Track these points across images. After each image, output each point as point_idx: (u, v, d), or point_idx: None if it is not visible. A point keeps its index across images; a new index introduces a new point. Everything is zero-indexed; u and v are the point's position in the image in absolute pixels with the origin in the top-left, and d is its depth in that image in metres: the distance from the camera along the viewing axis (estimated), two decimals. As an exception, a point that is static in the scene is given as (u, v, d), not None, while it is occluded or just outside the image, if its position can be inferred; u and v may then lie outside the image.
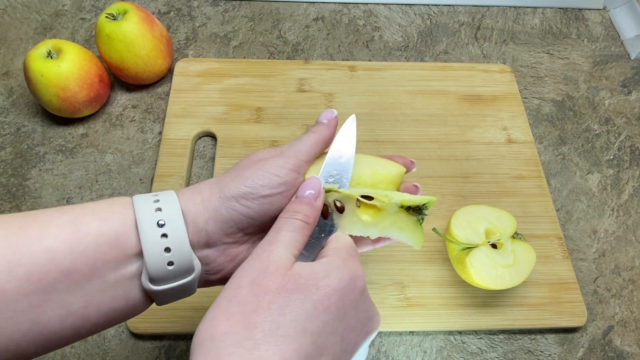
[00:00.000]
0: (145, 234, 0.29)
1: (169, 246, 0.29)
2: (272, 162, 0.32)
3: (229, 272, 0.32)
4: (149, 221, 0.29)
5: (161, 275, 0.29)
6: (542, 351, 0.49)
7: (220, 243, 0.32)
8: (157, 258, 0.29)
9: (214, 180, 0.32)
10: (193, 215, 0.31)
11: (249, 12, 0.71)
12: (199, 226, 0.31)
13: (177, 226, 0.29)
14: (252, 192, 0.31)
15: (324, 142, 0.35)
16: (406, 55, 0.69)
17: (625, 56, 0.71)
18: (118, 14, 0.57)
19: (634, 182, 0.60)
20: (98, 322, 0.29)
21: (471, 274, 0.45)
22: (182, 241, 0.29)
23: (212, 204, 0.31)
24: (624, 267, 0.54)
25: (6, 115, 0.60)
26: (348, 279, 0.29)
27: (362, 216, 0.34)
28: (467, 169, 0.58)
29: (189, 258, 0.30)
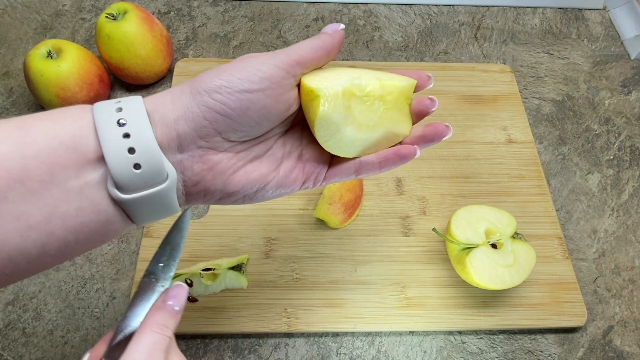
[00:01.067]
0: (104, 132, 0.26)
1: (132, 146, 0.26)
2: (258, 58, 0.29)
3: (210, 184, 0.30)
4: (107, 121, 0.26)
5: (128, 180, 0.26)
6: (542, 351, 0.49)
7: (195, 147, 0.28)
8: (120, 160, 0.26)
9: (191, 79, 0.29)
10: (160, 114, 0.28)
11: (249, 12, 0.71)
12: (167, 125, 0.27)
13: (140, 124, 0.26)
14: (227, 86, 0.28)
15: (324, 50, 0.31)
16: (406, 55, 0.69)
17: (625, 56, 0.71)
18: (118, 14, 0.57)
19: (634, 182, 0.60)
20: (67, 239, 0.26)
21: (471, 274, 0.45)
22: (148, 140, 0.26)
23: (183, 100, 0.28)
24: (624, 267, 0.54)
25: (6, 115, 0.60)
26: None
27: (206, 282, 0.48)
28: (467, 169, 0.58)
29: (158, 161, 0.27)
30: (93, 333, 0.47)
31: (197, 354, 0.47)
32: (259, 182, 0.31)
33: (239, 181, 0.30)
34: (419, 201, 0.55)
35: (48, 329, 0.47)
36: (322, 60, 0.31)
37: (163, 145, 0.27)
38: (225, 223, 0.52)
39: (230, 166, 0.30)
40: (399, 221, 0.54)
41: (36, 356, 0.46)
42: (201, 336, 0.48)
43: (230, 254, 0.51)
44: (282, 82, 0.29)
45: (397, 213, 0.54)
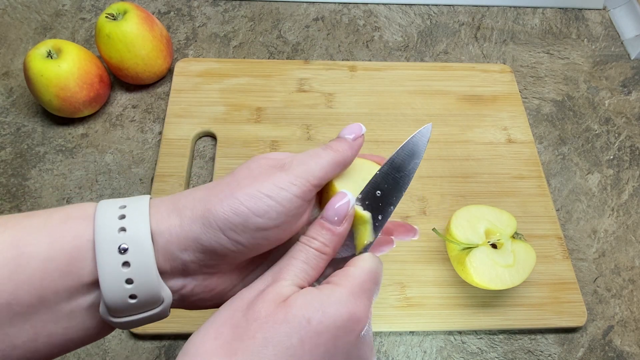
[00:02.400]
0: (103, 261, 0.24)
1: (131, 277, 0.24)
2: (274, 182, 0.26)
3: (208, 303, 0.29)
4: (108, 245, 0.24)
5: (122, 308, 0.25)
6: (542, 351, 0.49)
7: (199, 273, 0.27)
8: (117, 291, 0.24)
9: (200, 196, 0.27)
10: (167, 239, 0.26)
11: (249, 12, 0.71)
12: (173, 254, 0.26)
13: (143, 253, 0.25)
14: (243, 224, 0.26)
15: (343, 165, 0.29)
16: (406, 55, 0.69)
17: (625, 56, 0.71)
18: (118, 14, 0.57)
19: (634, 182, 0.60)
20: (52, 353, 0.26)
21: (471, 274, 0.45)
22: (148, 271, 0.25)
23: (193, 230, 0.26)
24: (624, 267, 0.54)
25: (6, 115, 0.60)
26: (346, 319, 0.25)
27: None
28: (467, 169, 0.58)
29: (156, 290, 0.25)
30: (93, 333, 0.47)
31: (197, 354, 0.47)
32: None
33: (235, 292, 0.29)
34: (419, 201, 0.55)
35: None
36: (338, 173, 0.29)
37: (164, 271, 0.26)
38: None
39: (231, 284, 0.29)
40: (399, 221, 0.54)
41: (36, 356, 0.46)
42: (201, 336, 0.47)
43: None
44: (298, 211, 0.27)
45: (397, 213, 0.54)
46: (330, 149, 0.28)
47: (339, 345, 0.25)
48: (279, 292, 0.25)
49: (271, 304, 0.24)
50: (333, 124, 0.60)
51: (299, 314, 0.24)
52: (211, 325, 0.24)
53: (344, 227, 0.27)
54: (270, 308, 0.24)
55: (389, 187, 0.29)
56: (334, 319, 0.24)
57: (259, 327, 0.24)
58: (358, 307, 0.25)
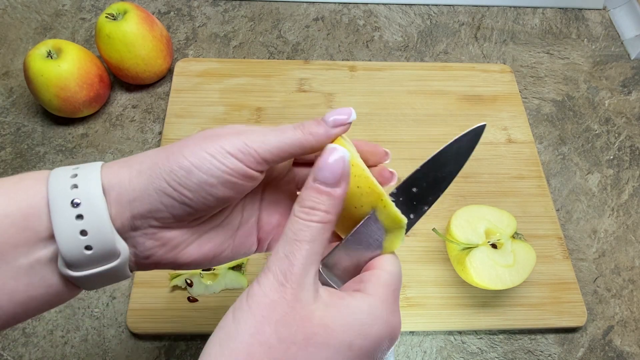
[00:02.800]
0: (57, 214, 0.25)
1: (85, 229, 0.25)
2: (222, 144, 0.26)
3: (161, 258, 0.29)
4: (61, 200, 0.25)
5: (78, 260, 0.25)
6: (542, 351, 0.49)
7: (148, 226, 0.27)
8: (72, 242, 0.25)
9: (150, 153, 0.27)
10: (117, 192, 0.26)
11: (249, 12, 0.71)
12: (122, 205, 0.26)
13: (95, 205, 0.25)
14: (186, 176, 0.26)
15: (309, 149, 0.27)
16: (406, 55, 0.69)
17: (625, 56, 0.71)
18: (118, 14, 0.57)
19: (634, 182, 0.60)
20: (15, 312, 0.26)
21: (471, 274, 0.45)
22: (101, 223, 0.25)
23: (141, 181, 0.26)
24: (624, 267, 0.54)
25: (6, 115, 0.60)
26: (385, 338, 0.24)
27: (206, 282, 0.48)
28: (467, 169, 0.58)
29: (111, 242, 0.26)
30: (93, 333, 0.47)
31: (197, 354, 0.47)
32: (213, 253, 0.30)
33: (191, 254, 0.29)
34: (419, 201, 0.55)
35: (48, 329, 0.47)
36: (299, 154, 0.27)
37: (116, 224, 0.26)
38: (225, 223, 0.52)
39: (183, 241, 0.29)
40: (399, 221, 0.54)
41: (36, 356, 0.46)
42: (201, 336, 0.48)
43: None
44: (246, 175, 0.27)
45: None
46: (300, 129, 0.27)
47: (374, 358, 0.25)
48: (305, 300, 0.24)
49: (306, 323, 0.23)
50: (333, 124, 0.60)
51: (340, 338, 0.23)
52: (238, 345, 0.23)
53: (342, 187, 0.25)
54: (307, 329, 0.23)
55: (427, 185, 0.28)
56: (374, 341, 0.24)
57: (298, 350, 0.23)
58: (395, 322, 0.25)
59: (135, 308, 0.47)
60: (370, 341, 0.24)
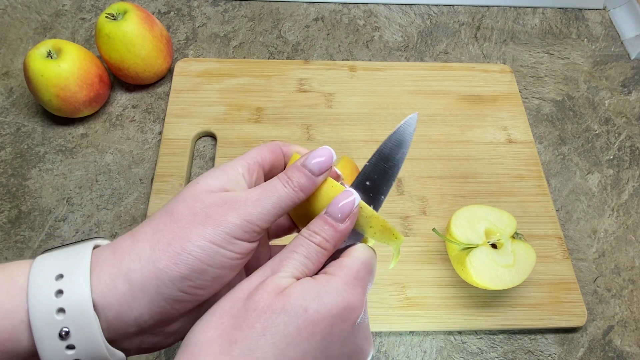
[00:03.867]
0: (45, 350, 0.23)
1: (78, 358, 0.23)
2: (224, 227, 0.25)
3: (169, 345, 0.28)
4: (47, 331, 0.22)
5: None
6: (542, 351, 0.49)
7: (157, 328, 0.26)
8: None
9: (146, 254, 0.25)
10: (117, 311, 0.24)
11: (249, 12, 0.71)
12: (126, 323, 0.25)
13: (87, 333, 0.23)
14: (200, 277, 0.25)
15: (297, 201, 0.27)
16: (406, 55, 0.69)
17: (625, 56, 0.71)
18: (118, 14, 0.57)
19: (634, 182, 0.60)
20: None
21: (471, 274, 0.45)
22: (96, 349, 0.24)
23: (148, 295, 0.25)
24: (624, 267, 0.54)
25: (6, 115, 0.60)
26: (341, 308, 0.25)
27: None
28: (467, 169, 0.58)
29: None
30: (93, 333, 0.47)
31: (197, 354, 0.47)
32: None
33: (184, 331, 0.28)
34: (419, 201, 0.55)
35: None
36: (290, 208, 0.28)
37: (118, 339, 0.25)
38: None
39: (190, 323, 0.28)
40: (399, 221, 0.54)
41: (36, 356, 0.46)
42: (201, 336, 0.47)
43: None
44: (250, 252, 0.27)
45: (397, 213, 0.54)
46: (290, 186, 0.27)
47: (335, 333, 0.25)
48: (277, 283, 0.25)
49: (270, 295, 0.25)
50: (333, 124, 0.60)
51: (296, 304, 0.24)
52: (212, 316, 0.25)
53: (346, 224, 0.27)
54: (269, 298, 0.24)
55: (378, 177, 0.30)
56: (329, 308, 0.25)
57: (257, 316, 0.24)
58: (353, 296, 0.26)
59: (135, 308, 0.47)
60: (326, 308, 0.25)
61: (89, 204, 0.54)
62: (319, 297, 0.25)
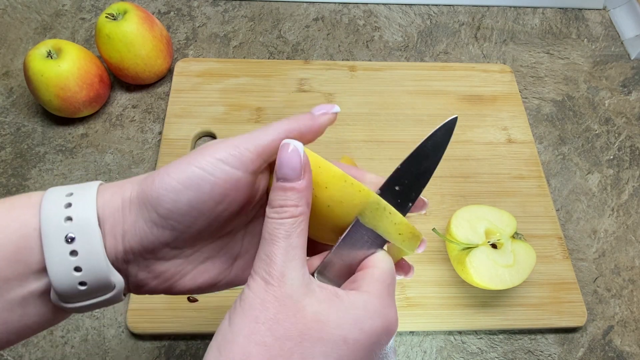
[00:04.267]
0: (50, 251, 0.24)
1: (79, 265, 0.24)
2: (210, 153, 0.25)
3: (154, 288, 0.28)
4: (54, 234, 0.24)
5: (72, 295, 0.25)
6: (542, 351, 0.49)
7: (141, 258, 0.26)
8: (66, 278, 0.24)
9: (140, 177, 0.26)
10: (111, 223, 0.25)
11: (249, 12, 0.71)
12: (116, 238, 0.25)
13: (90, 241, 0.24)
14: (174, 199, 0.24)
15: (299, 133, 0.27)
16: (406, 55, 0.69)
17: (625, 56, 0.71)
18: (118, 14, 0.57)
19: (634, 182, 0.60)
20: (9, 339, 0.26)
21: (471, 274, 0.45)
22: (97, 259, 0.24)
23: (131, 212, 0.25)
24: (624, 267, 0.54)
25: (6, 115, 0.60)
26: (381, 333, 0.24)
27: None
28: (467, 169, 0.58)
29: (105, 276, 0.25)
30: (93, 333, 0.47)
31: (197, 354, 0.47)
32: (208, 284, 0.29)
33: (185, 285, 0.28)
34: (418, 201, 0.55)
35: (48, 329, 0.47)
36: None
37: (110, 257, 0.25)
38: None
39: (178, 272, 0.28)
40: (399, 221, 0.54)
41: (36, 356, 0.46)
42: (201, 336, 0.48)
43: None
44: (237, 184, 0.25)
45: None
46: (285, 119, 0.27)
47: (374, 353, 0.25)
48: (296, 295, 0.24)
49: (299, 319, 0.23)
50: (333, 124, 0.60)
51: (335, 333, 0.23)
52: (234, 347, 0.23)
53: (305, 178, 0.25)
54: (300, 324, 0.23)
55: (409, 182, 0.28)
56: (370, 335, 0.24)
57: (293, 347, 0.23)
58: (391, 315, 0.25)
59: (135, 308, 0.47)
60: (366, 335, 0.24)
61: (89, 204, 0.54)
62: (358, 324, 0.24)
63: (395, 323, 0.25)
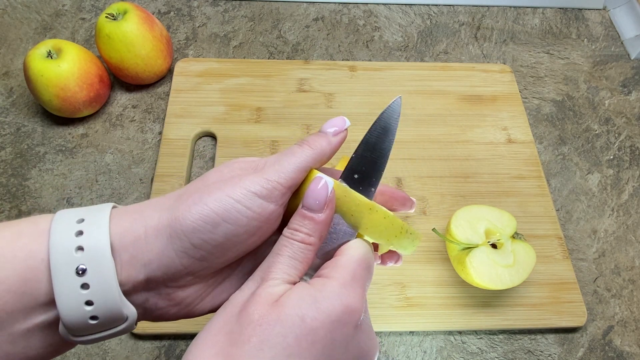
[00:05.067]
0: (60, 284, 0.23)
1: (91, 299, 0.23)
2: (245, 185, 0.25)
3: (176, 314, 0.27)
4: (65, 267, 0.23)
5: (83, 329, 0.24)
6: (542, 351, 0.49)
7: (164, 287, 0.26)
8: (76, 313, 0.23)
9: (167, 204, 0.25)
10: (130, 254, 0.24)
11: (249, 12, 0.71)
12: (136, 269, 0.25)
13: (103, 273, 0.23)
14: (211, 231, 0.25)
15: (319, 162, 0.28)
16: (406, 55, 0.69)
17: (625, 56, 0.71)
18: (118, 14, 0.57)
19: (634, 182, 0.60)
20: None
21: (471, 274, 0.45)
22: (109, 292, 0.23)
23: (159, 242, 0.24)
24: (624, 267, 0.54)
25: (6, 115, 0.60)
26: (340, 312, 0.24)
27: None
28: (467, 169, 0.58)
29: (118, 310, 0.24)
30: (93, 333, 0.47)
31: (197, 354, 0.47)
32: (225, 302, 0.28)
33: (205, 308, 0.28)
34: (419, 201, 0.55)
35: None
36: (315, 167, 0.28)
37: (126, 287, 0.25)
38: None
39: (198, 296, 0.28)
40: (399, 221, 0.54)
41: (36, 356, 0.46)
42: (201, 336, 0.47)
43: None
44: (271, 215, 0.26)
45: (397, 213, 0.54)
46: (306, 146, 0.27)
47: (337, 338, 0.24)
48: (269, 292, 0.24)
49: (264, 306, 0.24)
50: (333, 124, 0.60)
51: (292, 313, 0.23)
52: (206, 334, 0.24)
53: (326, 213, 0.26)
54: (263, 310, 0.23)
55: (367, 169, 0.29)
56: (327, 314, 0.24)
57: (253, 330, 0.23)
58: (351, 297, 0.25)
59: (135, 308, 0.47)
60: (324, 314, 0.24)
61: (89, 204, 0.54)
62: (315, 303, 0.24)
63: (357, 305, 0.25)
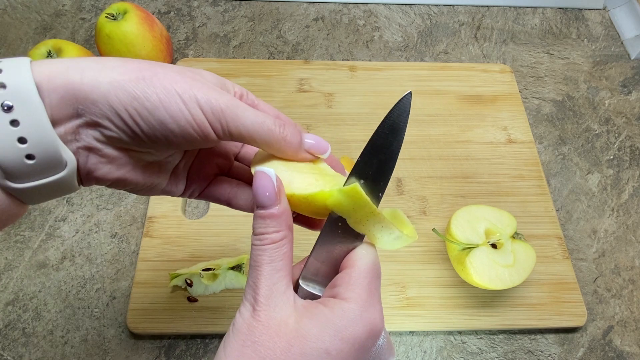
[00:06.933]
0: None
1: (23, 136, 0.22)
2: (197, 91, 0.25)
3: (105, 175, 0.26)
4: None
5: (20, 171, 0.23)
6: (542, 351, 0.49)
7: (94, 140, 0.25)
8: (10, 151, 0.22)
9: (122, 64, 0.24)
10: (61, 95, 0.23)
11: (249, 12, 0.71)
12: (68, 111, 0.24)
13: (30, 109, 0.22)
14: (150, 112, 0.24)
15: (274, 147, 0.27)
16: (406, 55, 0.69)
17: (625, 56, 0.71)
18: (118, 14, 0.57)
19: (634, 182, 0.60)
20: None
21: (471, 274, 0.45)
22: (41, 127, 0.22)
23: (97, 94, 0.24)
24: (624, 267, 0.54)
25: (6, 115, 0.60)
26: (365, 338, 0.24)
27: (206, 282, 0.48)
28: (467, 169, 0.58)
29: (54, 150, 0.23)
30: (93, 333, 0.47)
31: (197, 354, 0.47)
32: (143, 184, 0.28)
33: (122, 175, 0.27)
34: (419, 201, 0.55)
35: (48, 329, 0.47)
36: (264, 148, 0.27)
37: (60, 132, 0.24)
38: (225, 223, 0.52)
39: (126, 162, 0.27)
40: (399, 221, 0.54)
41: (36, 356, 0.46)
42: (201, 336, 0.48)
43: (230, 254, 0.51)
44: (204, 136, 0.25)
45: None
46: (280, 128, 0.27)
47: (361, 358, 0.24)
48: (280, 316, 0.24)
49: (282, 337, 0.24)
50: (333, 124, 0.60)
51: (316, 347, 0.23)
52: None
53: (281, 204, 0.26)
54: (283, 342, 0.23)
55: (373, 173, 0.26)
56: (352, 343, 0.24)
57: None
58: (373, 318, 0.25)
59: (135, 308, 0.47)
60: (348, 344, 0.24)
61: (89, 204, 0.54)
62: (338, 334, 0.24)
63: (379, 324, 0.25)
